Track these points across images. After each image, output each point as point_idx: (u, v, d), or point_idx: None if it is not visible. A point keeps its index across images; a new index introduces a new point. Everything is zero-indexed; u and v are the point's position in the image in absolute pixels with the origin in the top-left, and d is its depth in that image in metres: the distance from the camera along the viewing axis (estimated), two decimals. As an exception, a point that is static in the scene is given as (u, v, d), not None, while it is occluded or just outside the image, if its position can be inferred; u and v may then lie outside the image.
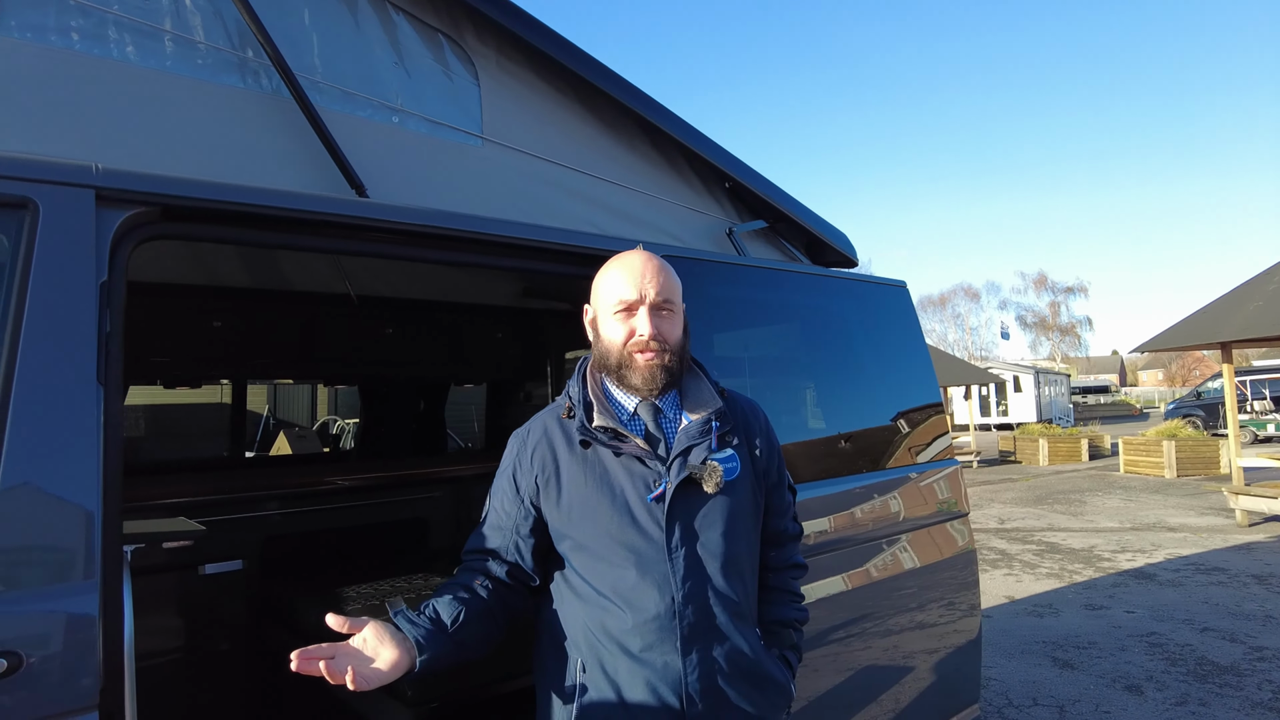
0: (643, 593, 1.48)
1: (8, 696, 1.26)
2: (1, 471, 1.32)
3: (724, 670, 1.51)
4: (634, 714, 1.48)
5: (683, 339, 1.61)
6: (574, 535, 1.55)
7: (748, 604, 1.59)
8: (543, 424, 1.64)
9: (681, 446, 1.54)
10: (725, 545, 1.53)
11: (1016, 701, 4.65)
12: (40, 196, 1.45)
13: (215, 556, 3.30)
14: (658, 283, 1.56)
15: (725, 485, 1.53)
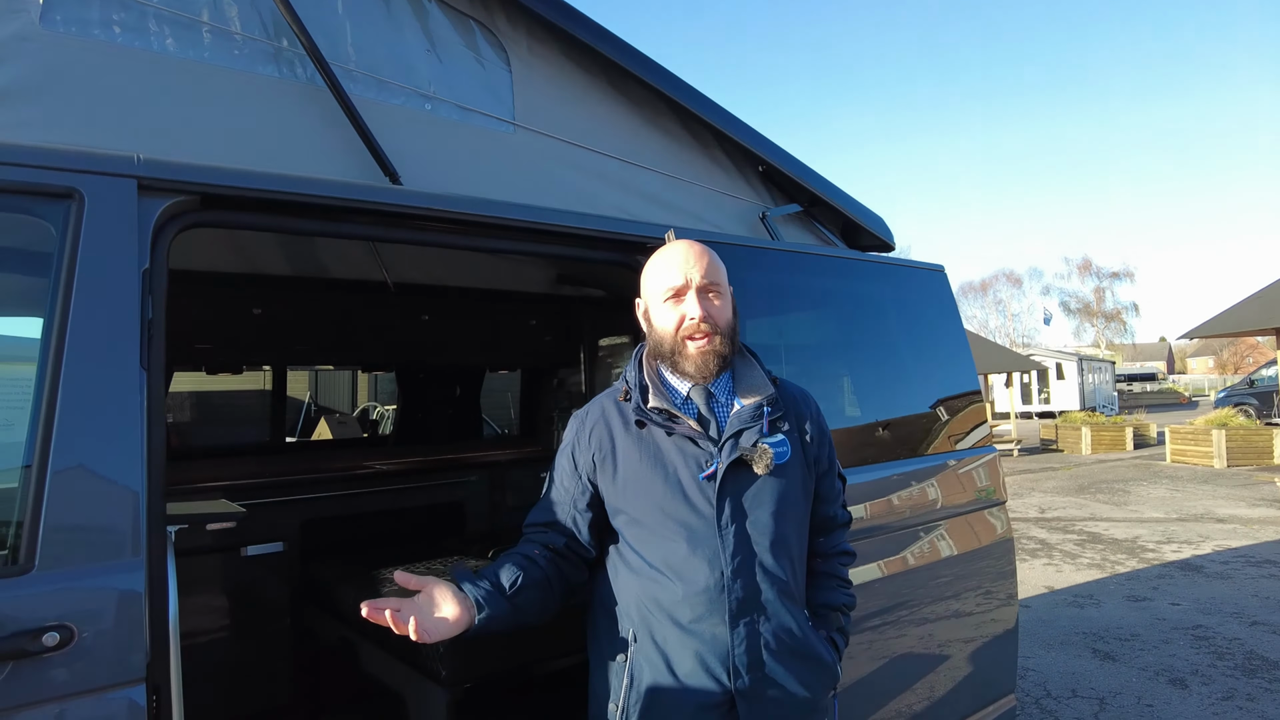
0: (693, 566, 1.55)
1: (61, 668, 1.31)
2: (53, 455, 1.36)
3: (770, 645, 1.56)
4: (683, 683, 1.55)
5: (732, 321, 1.67)
6: (628, 510, 1.62)
7: (795, 584, 1.64)
8: (601, 406, 1.72)
9: (733, 429, 1.60)
10: (774, 525, 1.58)
11: (1055, 693, 4.58)
12: (85, 187, 1.49)
13: (257, 539, 3.38)
14: (702, 266, 1.63)
15: (775, 468, 1.58)
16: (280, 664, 3.40)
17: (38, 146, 1.49)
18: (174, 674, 1.46)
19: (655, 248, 2.22)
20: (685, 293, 1.62)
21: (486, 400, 4.85)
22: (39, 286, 1.48)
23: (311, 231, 1.86)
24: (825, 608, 1.72)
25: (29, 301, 1.53)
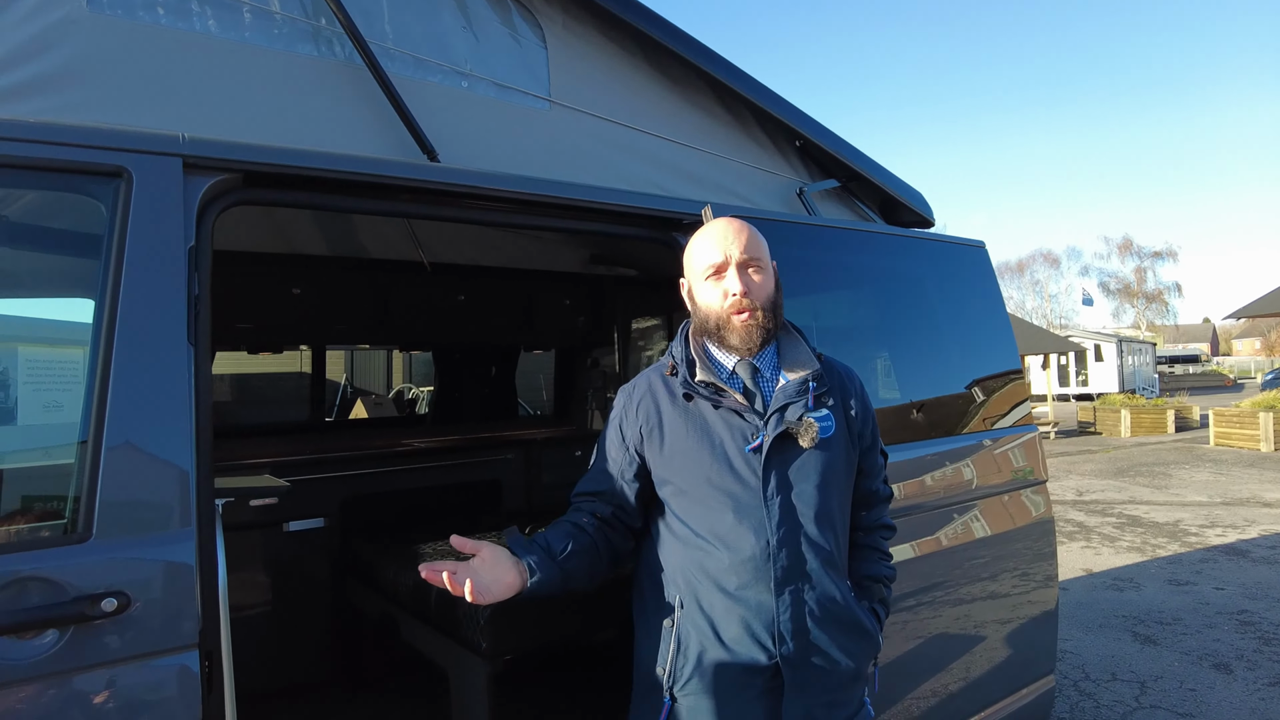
0: (740, 535, 1.58)
1: (119, 633, 1.35)
2: (107, 429, 1.39)
3: (815, 613, 1.59)
4: (729, 648, 1.58)
5: (775, 295, 1.69)
6: (675, 481, 1.65)
7: (839, 555, 1.67)
8: (647, 380, 1.75)
9: (779, 403, 1.63)
10: (819, 497, 1.61)
11: (1094, 675, 4.52)
12: (133, 165, 1.51)
13: (298, 515, 3.45)
14: (741, 242, 1.65)
15: (820, 442, 1.62)
16: (323, 636, 3.47)
17: (88, 126, 1.51)
18: (225, 641, 1.50)
19: (691, 224, 2.22)
20: (726, 269, 1.64)
21: (519, 383, 4.88)
22: (92, 265, 1.51)
23: (351, 209, 1.88)
24: (867, 579, 1.76)
25: (83, 281, 1.57)
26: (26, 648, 1.29)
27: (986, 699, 2.69)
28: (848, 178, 3.10)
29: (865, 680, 1.72)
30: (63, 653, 1.31)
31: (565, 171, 2.33)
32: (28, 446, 2.68)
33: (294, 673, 3.40)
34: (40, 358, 2.81)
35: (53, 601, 1.31)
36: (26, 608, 1.29)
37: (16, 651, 1.28)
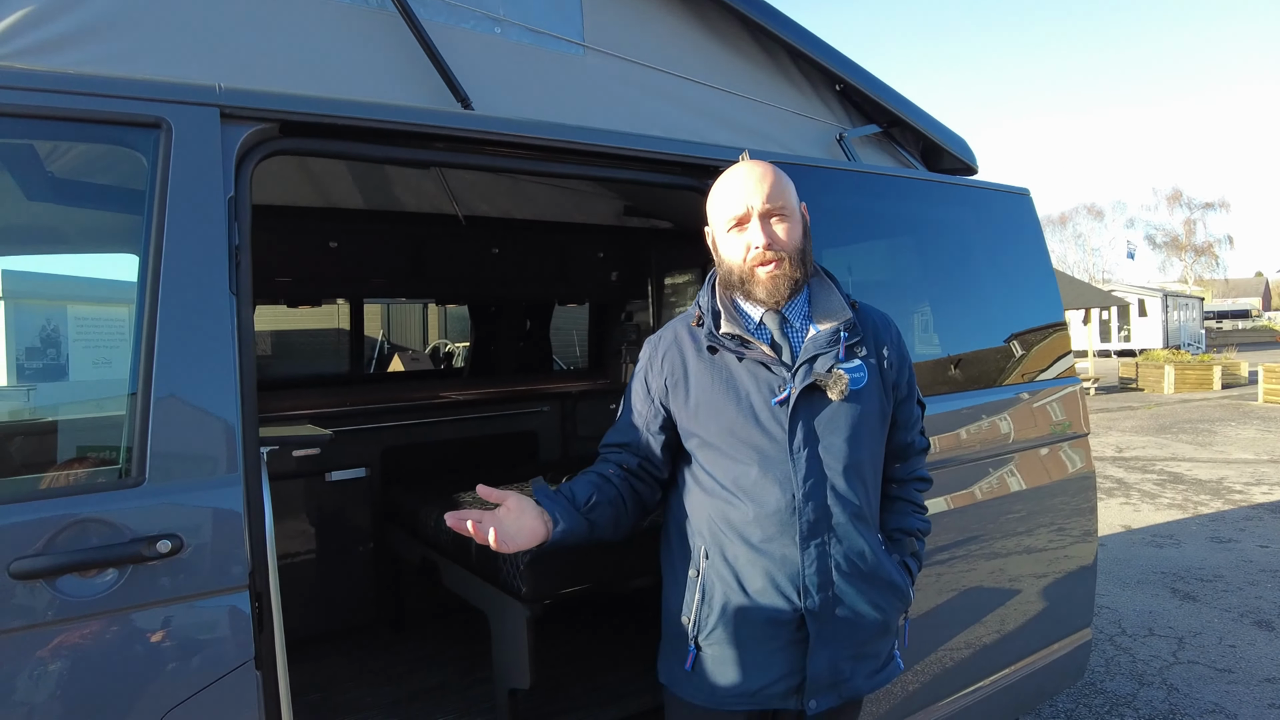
0: (764, 488, 1.55)
1: (173, 574, 1.40)
2: (155, 380, 1.42)
3: (841, 567, 1.57)
4: (754, 599, 1.57)
5: (802, 243, 1.62)
6: (700, 433, 1.62)
7: (869, 508, 1.64)
8: (674, 331, 1.71)
9: (808, 355, 1.58)
10: (848, 450, 1.58)
11: (1130, 630, 4.50)
12: (172, 116, 1.52)
13: (340, 465, 3.53)
14: (764, 191, 1.57)
15: (850, 394, 1.58)
16: (367, 581, 3.58)
17: (126, 78, 1.52)
18: (273, 583, 1.54)
19: (728, 171, 2.18)
20: (748, 221, 1.58)
21: (552, 338, 4.90)
22: (135, 216, 1.53)
23: (386, 159, 1.87)
24: (899, 532, 1.73)
25: (129, 235, 1.58)
26: (90, 585, 1.34)
27: (1021, 651, 2.69)
28: (889, 123, 3.01)
29: (894, 634, 1.70)
30: (122, 591, 1.36)
31: (600, 118, 2.30)
32: (80, 399, 2.76)
33: (340, 616, 3.52)
34: (88, 316, 2.89)
35: (111, 542, 1.35)
36: (88, 547, 1.34)
37: (82, 588, 1.33)
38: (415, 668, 3.18)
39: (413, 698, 2.92)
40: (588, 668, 3.07)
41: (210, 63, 1.82)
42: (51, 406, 2.75)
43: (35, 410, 2.70)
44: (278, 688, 1.53)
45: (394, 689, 3.00)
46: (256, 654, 1.47)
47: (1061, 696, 3.75)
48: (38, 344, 3.00)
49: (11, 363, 2.84)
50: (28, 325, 2.98)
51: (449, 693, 2.94)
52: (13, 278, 2.72)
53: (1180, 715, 3.57)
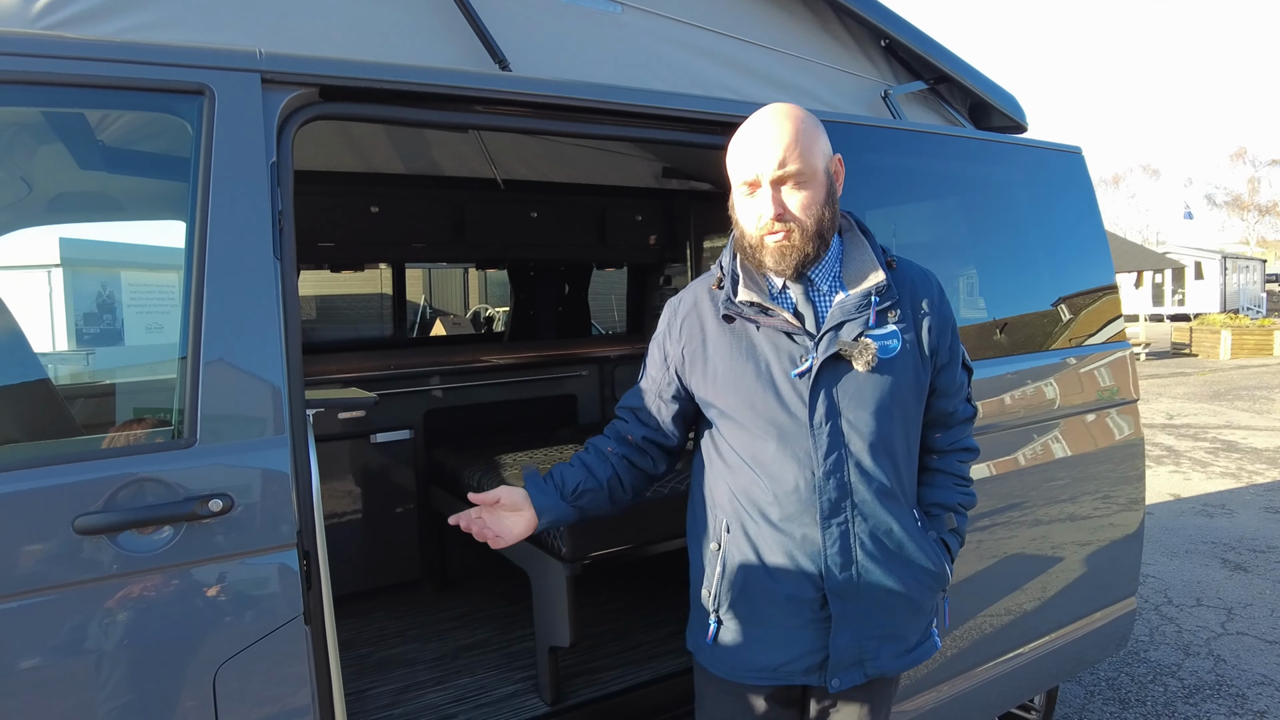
0: (782, 465, 1.48)
1: (225, 532, 1.44)
2: (204, 344, 1.46)
3: (866, 546, 1.49)
4: (774, 576, 1.51)
5: (821, 210, 1.46)
6: (719, 404, 1.55)
7: (899, 484, 1.53)
8: (694, 294, 1.63)
9: (834, 322, 1.47)
10: (875, 424, 1.48)
11: (1177, 600, 4.43)
12: (214, 83, 1.53)
13: (385, 427, 3.60)
14: (776, 154, 1.41)
15: (880, 364, 1.46)
16: (412, 540, 3.67)
17: (170, 45, 1.53)
18: (320, 541, 1.59)
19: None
20: (758, 188, 1.45)
21: (591, 302, 4.91)
22: (182, 184, 1.55)
23: (425, 122, 1.87)
24: (937, 506, 1.63)
25: (176, 200, 1.61)
26: (148, 542, 1.39)
27: (1063, 619, 2.67)
28: (936, 79, 2.92)
29: (929, 613, 1.61)
30: (178, 547, 1.41)
31: (639, 77, 2.26)
32: (135, 363, 2.85)
33: (385, 575, 3.62)
34: (141, 282, 2.97)
35: (167, 500, 1.40)
36: (145, 505, 1.39)
37: (140, 544, 1.39)
38: (459, 624, 3.26)
39: (456, 653, 3.00)
40: (625, 627, 3.12)
41: (247, 27, 1.82)
42: (109, 370, 2.85)
43: (94, 374, 2.79)
44: (326, 642, 1.58)
45: (438, 644, 3.09)
46: (305, 609, 1.51)
47: (1104, 665, 3.72)
48: (95, 310, 3.10)
49: (71, 327, 2.94)
50: (86, 292, 3.08)
51: (491, 649, 3.02)
52: (70, 245, 2.81)
53: (1227, 686, 3.52)
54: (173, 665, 1.41)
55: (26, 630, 1.32)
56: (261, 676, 1.47)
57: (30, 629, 1.32)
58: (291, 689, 1.50)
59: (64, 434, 1.76)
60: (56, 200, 2.28)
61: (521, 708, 2.56)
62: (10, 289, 1.65)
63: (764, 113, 1.48)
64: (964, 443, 1.67)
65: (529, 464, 3.08)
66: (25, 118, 1.76)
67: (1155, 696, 3.48)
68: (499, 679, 2.78)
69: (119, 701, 1.37)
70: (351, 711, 2.55)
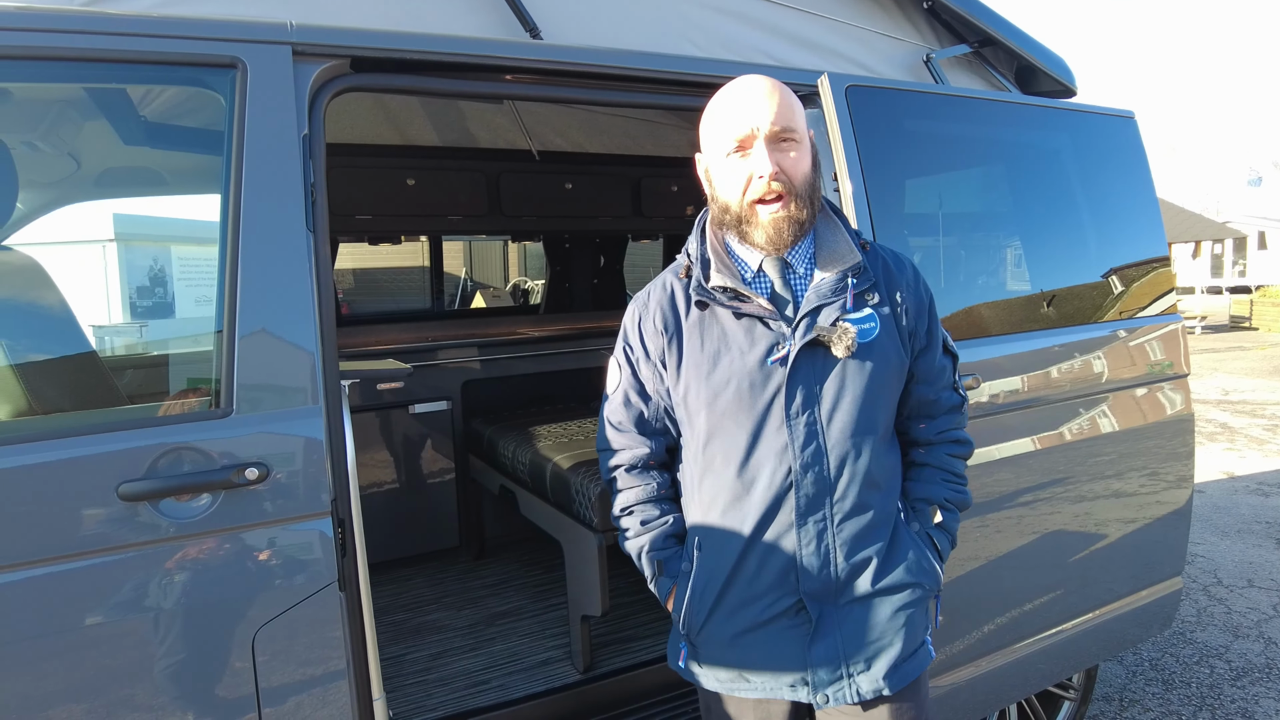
0: (756, 462, 1.39)
1: (262, 500, 1.48)
2: (239, 316, 1.48)
3: (846, 546, 1.40)
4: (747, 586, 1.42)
5: (812, 176, 1.39)
6: (689, 401, 1.45)
7: (883, 476, 1.45)
8: (661, 284, 1.52)
9: (810, 306, 1.39)
10: (856, 413, 1.39)
11: (1227, 581, 4.31)
12: (247, 55, 1.54)
13: (423, 398, 3.66)
14: (773, 108, 1.33)
15: (859, 349, 1.38)
16: (449, 510, 3.74)
17: (202, 19, 1.54)
18: (355, 510, 1.62)
19: (806, 96, 2.08)
20: (751, 144, 1.34)
21: (627, 275, 4.89)
22: (219, 157, 1.57)
23: (454, 92, 1.87)
24: (922, 501, 1.52)
25: (209, 174, 1.63)
26: (187, 509, 1.43)
27: (1105, 597, 2.61)
28: (980, 42, 2.82)
29: (915, 620, 1.47)
30: (216, 514, 1.45)
31: (672, 43, 2.22)
32: (183, 335, 2.92)
33: (425, 541, 3.69)
34: (190, 256, 3.03)
35: (205, 469, 1.44)
36: (185, 473, 1.43)
37: (180, 511, 1.43)
38: (493, 592, 3.32)
39: (490, 620, 3.05)
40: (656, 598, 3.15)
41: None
42: (153, 341, 2.92)
43: (137, 345, 2.87)
44: (361, 607, 1.62)
45: (473, 611, 3.14)
46: (340, 576, 1.55)
47: (1147, 645, 3.65)
48: (144, 283, 3.18)
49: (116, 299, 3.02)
50: (135, 265, 3.15)
51: (525, 617, 3.07)
52: (121, 221, 2.88)
53: (1277, 670, 3.42)
54: (213, 628, 1.45)
55: (75, 591, 1.36)
56: (298, 640, 1.51)
57: (78, 591, 1.37)
58: (327, 652, 1.54)
59: (109, 404, 1.81)
60: (103, 176, 2.34)
61: (554, 675, 2.60)
62: (58, 264, 1.69)
63: (746, 78, 1.40)
64: (953, 434, 1.56)
65: (567, 437, 3.10)
66: (70, 94, 1.80)
67: (1201, 678, 3.40)
68: (532, 646, 2.82)
69: (165, 661, 1.42)
70: (387, 675, 2.62)
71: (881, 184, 2.08)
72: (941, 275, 2.37)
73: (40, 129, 1.88)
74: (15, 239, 1.91)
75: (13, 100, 1.71)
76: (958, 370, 1.58)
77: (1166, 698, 3.27)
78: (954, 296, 2.32)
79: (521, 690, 2.50)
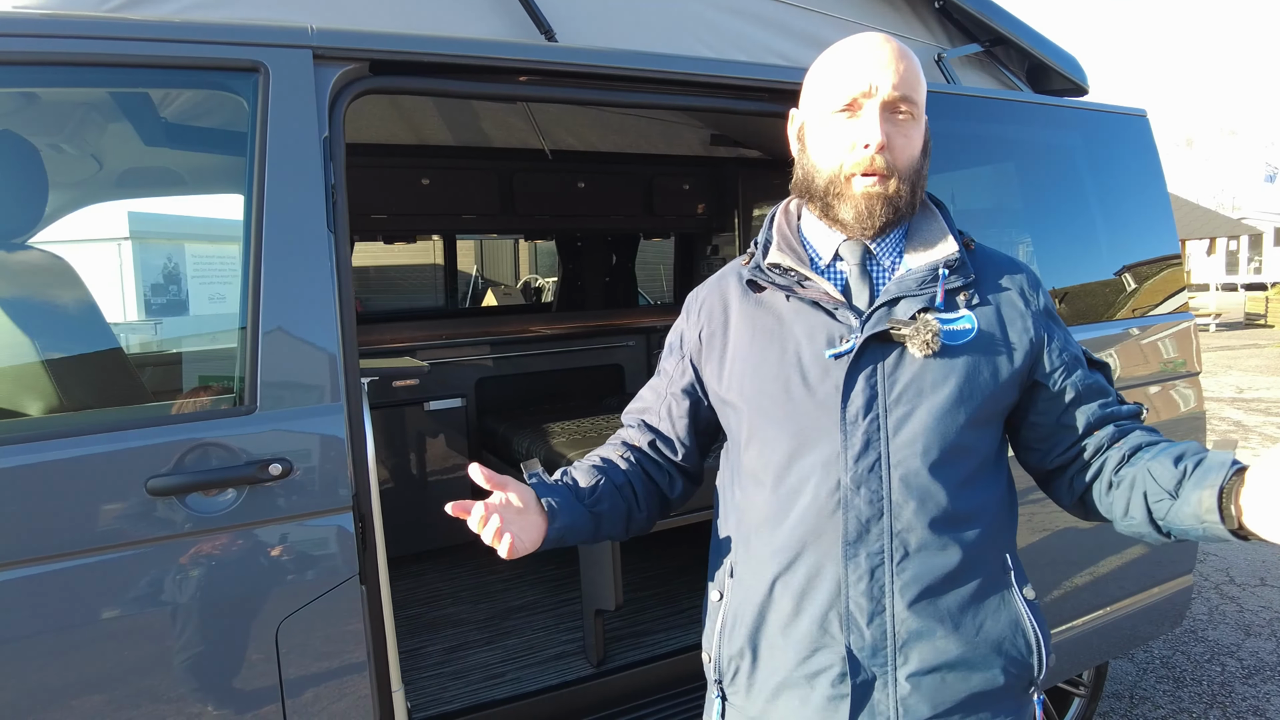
0: (801, 472, 1.13)
1: (284, 495, 1.51)
2: (262, 315, 1.51)
3: (909, 591, 1.10)
4: (783, 631, 1.15)
5: (920, 160, 1.17)
6: (732, 398, 1.23)
7: (971, 513, 1.13)
8: (722, 274, 1.34)
9: (890, 296, 1.14)
10: (933, 424, 1.11)
11: (1239, 580, 4.31)
12: (269, 59, 1.57)
13: (438, 395, 3.70)
14: (896, 72, 1.11)
15: (945, 350, 1.12)
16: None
17: (225, 23, 1.57)
18: (375, 505, 1.65)
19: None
20: (864, 104, 1.12)
21: (639, 272, 4.92)
22: (240, 159, 1.60)
23: (473, 94, 1.90)
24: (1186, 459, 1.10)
25: (235, 175, 1.67)
26: (213, 503, 1.47)
27: (1114, 594, 2.62)
28: (992, 41, 2.83)
29: (1009, 711, 1.15)
30: (241, 509, 1.48)
31: (684, 44, 2.25)
32: (199, 332, 2.96)
33: (439, 536, 3.73)
34: (203, 254, 3.07)
35: (230, 464, 1.47)
36: (211, 468, 1.46)
37: (207, 505, 1.46)
38: (509, 586, 3.35)
39: (505, 614, 3.09)
40: (671, 591, 3.18)
41: (296, 2, 1.85)
42: (177, 339, 2.97)
43: (162, 342, 2.91)
44: (381, 601, 1.65)
45: (489, 605, 3.18)
46: (361, 570, 1.58)
47: (1158, 643, 3.65)
48: (161, 281, 3.22)
49: (140, 298, 3.06)
50: (153, 264, 3.19)
51: (539, 611, 3.10)
52: (138, 219, 2.92)
53: (1289, 666, 3.42)
54: (238, 620, 1.49)
55: (105, 583, 1.40)
56: (320, 633, 1.55)
57: (109, 583, 1.41)
58: (348, 645, 1.58)
59: (135, 400, 1.85)
60: (125, 176, 2.38)
61: (568, 668, 2.63)
62: (86, 262, 1.73)
63: (872, 34, 1.17)
64: (1147, 433, 1.22)
65: (580, 434, 3.13)
66: (95, 98, 1.84)
67: (1212, 676, 3.40)
68: (547, 640, 2.86)
69: (191, 652, 1.45)
70: (405, 668, 2.66)
71: (892, 184, 2.10)
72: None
73: (66, 131, 1.92)
74: (43, 238, 1.96)
75: (42, 104, 1.75)
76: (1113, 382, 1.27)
77: (1177, 695, 3.28)
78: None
79: (536, 683, 2.54)
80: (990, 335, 1.16)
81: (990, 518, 1.16)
